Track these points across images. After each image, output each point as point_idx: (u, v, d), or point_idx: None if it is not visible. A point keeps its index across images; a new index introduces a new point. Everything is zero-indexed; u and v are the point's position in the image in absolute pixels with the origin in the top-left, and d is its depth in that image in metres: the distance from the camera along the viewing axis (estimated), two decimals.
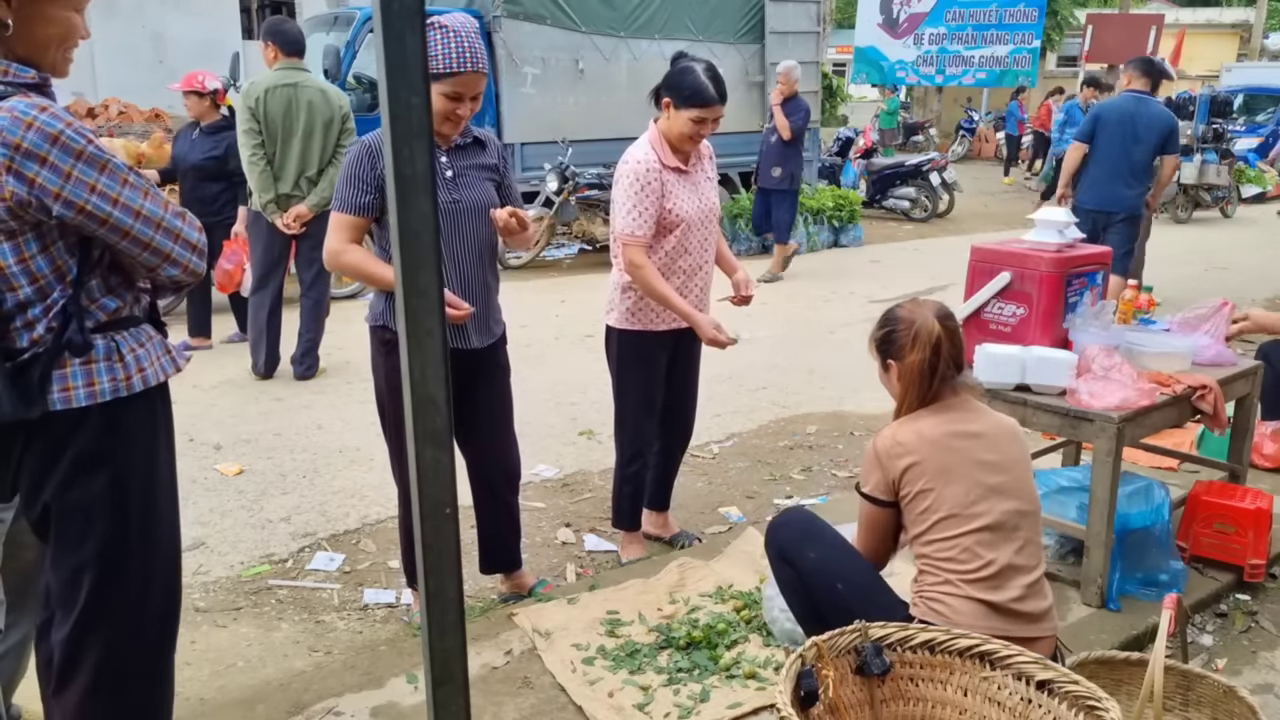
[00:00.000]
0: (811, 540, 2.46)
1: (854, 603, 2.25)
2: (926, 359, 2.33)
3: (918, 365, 2.33)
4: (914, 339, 2.34)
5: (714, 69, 3.18)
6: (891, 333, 2.39)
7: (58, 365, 1.75)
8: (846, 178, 13.60)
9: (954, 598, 2.23)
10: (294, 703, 2.57)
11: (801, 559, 2.43)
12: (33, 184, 1.65)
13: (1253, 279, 8.98)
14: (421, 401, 1.12)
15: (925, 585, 2.28)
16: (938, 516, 2.25)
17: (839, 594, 2.33)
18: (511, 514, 3.15)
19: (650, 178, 3.14)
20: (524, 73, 9.27)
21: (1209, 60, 25.98)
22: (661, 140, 3.20)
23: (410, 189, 1.06)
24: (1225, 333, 3.37)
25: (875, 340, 2.46)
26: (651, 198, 3.14)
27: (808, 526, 2.51)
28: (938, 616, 2.22)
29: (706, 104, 3.11)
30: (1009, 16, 16.47)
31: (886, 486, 2.32)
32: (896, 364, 2.38)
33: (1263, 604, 3.19)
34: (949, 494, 2.25)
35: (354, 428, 4.85)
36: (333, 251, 2.74)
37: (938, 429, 2.31)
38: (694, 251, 3.28)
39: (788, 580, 2.48)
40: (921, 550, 2.30)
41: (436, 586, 1.18)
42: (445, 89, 2.61)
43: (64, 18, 1.75)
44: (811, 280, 8.99)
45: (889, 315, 2.44)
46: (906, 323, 2.38)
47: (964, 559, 2.22)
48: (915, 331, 2.34)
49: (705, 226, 3.30)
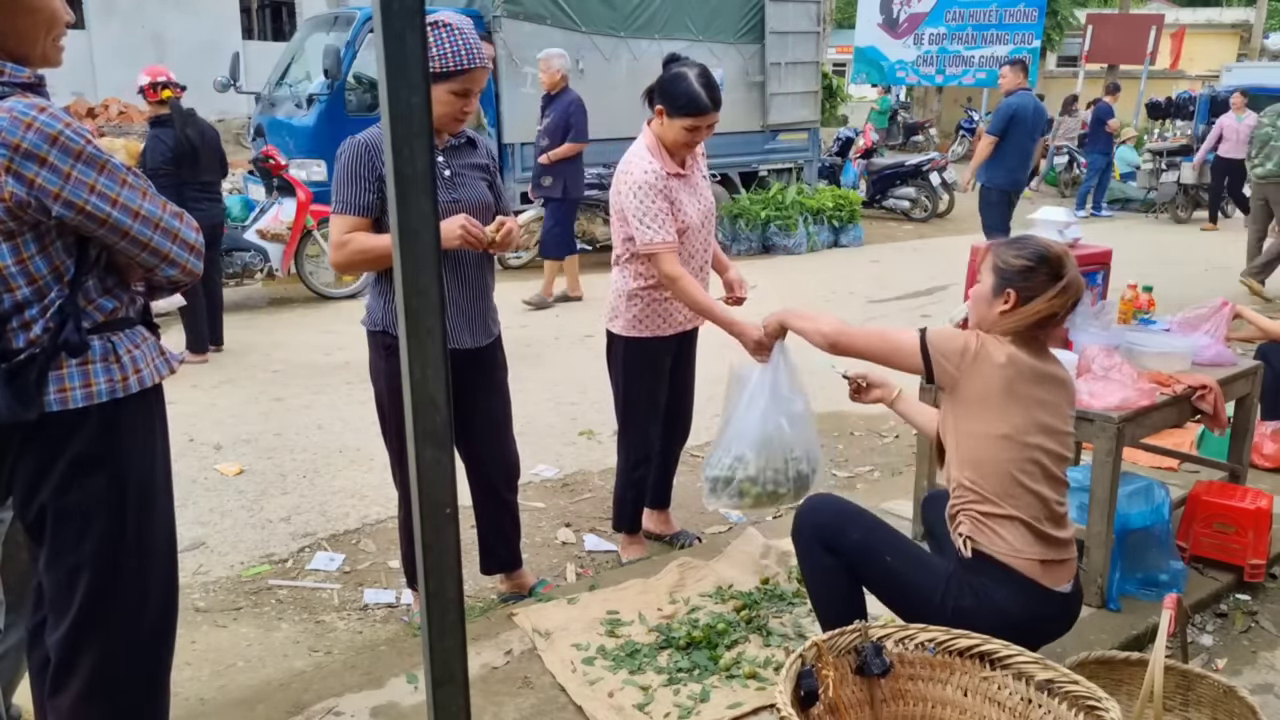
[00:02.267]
0: (850, 521, 2.39)
1: (905, 570, 2.28)
2: (1059, 313, 2.28)
3: (1045, 312, 2.25)
4: (1061, 290, 2.25)
5: (707, 74, 3.12)
6: (1034, 270, 2.27)
7: (54, 366, 1.75)
8: (846, 178, 13.61)
9: (1003, 521, 2.23)
10: (294, 703, 2.57)
11: (844, 541, 2.35)
12: (32, 184, 1.65)
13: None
14: (421, 401, 1.12)
15: (972, 508, 2.26)
16: (987, 431, 2.23)
17: (889, 566, 2.31)
18: (511, 514, 3.15)
19: (657, 185, 3.10)
20: (524, 73, 9.27)
21: (1209, 60, 25.97)
22: (659, 146, 3.16)
23: (410, 188, 1.06)
24: (1225, 334, 3.37)
25: (1009, 266, 2.30)
26: (664, 203, 3.11)
27: (840, 508, 2.45)
28: (991, 541, 2.23)
29: (700, 113, 3.06)
30: (1009, 16, 16.48)
31: (949, 366, 2.24)
32: (1019, 297, 2.26)
33: (1263, 604, 3.19)
34: (1008, 414, 2.22)
35: (354, 428, 4.85)
36: (334, 247, 2.69)
37: (1027, 360, 2.26)
38: (696, 255, 3.27)
39: (827, 568, 2.38)
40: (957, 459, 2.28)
41: (436, 586, 1.18)
42: (455, 86, 2.60)
43: (44, 4, 1.73)
44: (812, 280, 8.99)
45: (1038, 250, 2.30)
46: (1054, 266, 2.27)
47: (1005, 481, 2.23)
48: (1065, 284, 2.26)
49: (705, 229, 3.30)
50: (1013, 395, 2.23)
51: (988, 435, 2.23)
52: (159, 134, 5.88)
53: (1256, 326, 4.00)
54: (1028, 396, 2.24)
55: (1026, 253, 2.29)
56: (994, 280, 2.32)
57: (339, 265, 2.76)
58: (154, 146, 5.84)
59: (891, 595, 2.36)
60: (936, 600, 2.25)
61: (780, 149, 11.91)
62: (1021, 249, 2.31)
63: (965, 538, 2.26)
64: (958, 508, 2.30)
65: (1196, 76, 24.65)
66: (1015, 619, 2.21)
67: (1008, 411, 2.23)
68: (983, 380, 2.24)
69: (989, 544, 2.23)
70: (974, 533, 2.25)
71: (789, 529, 3.52)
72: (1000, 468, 2.23)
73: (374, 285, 2.84)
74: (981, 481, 2.24)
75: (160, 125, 5.92)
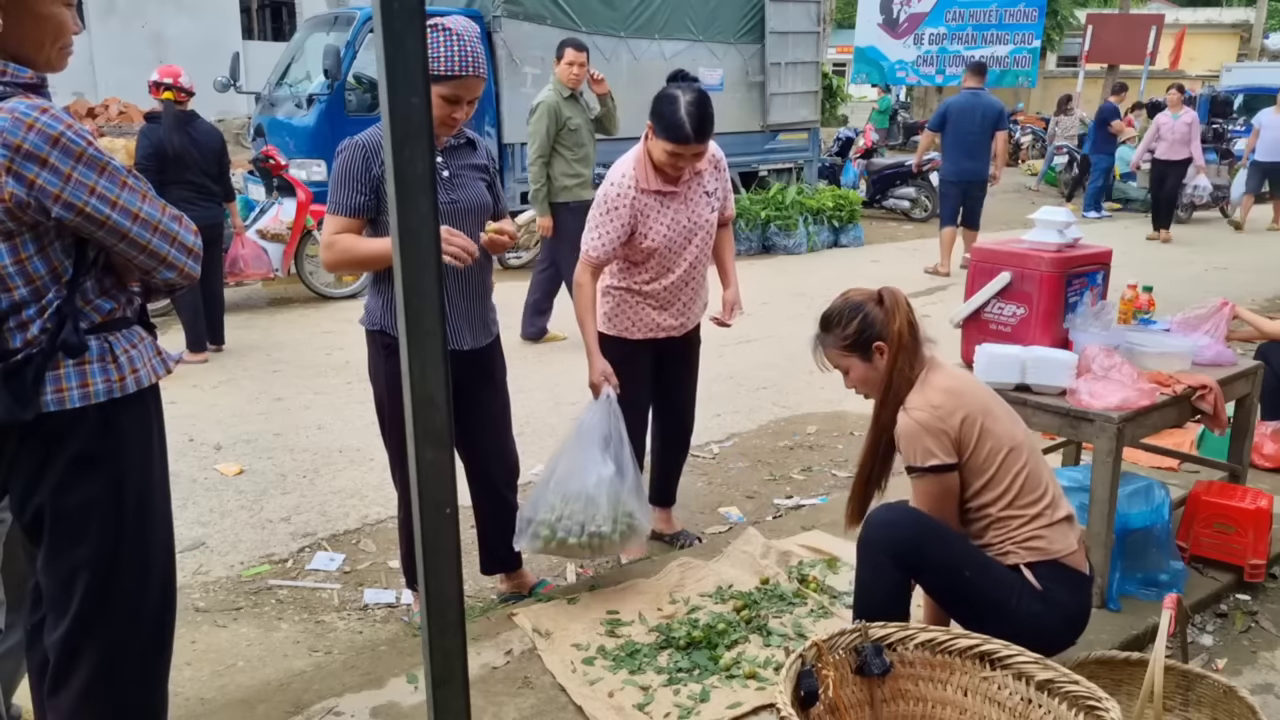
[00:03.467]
0: (930, 537, 2.30)
1: (983, 584, 2.28)
2: (909, 317, 2.37)
3: (906, 327, 2.35)
4: (891, 307, 2.36)
5: (701, 103, 3.00)
6: (864, 316, 2.37)
7: (51, 366, 1.74)
8: (846, 178, 13.60)
9: (1048, 528, 2.29)
10: (294, 703, 2.57)
11: (925, 560, 2.29)
12: (32, 185, 1.65)
13: (1253, 279, 8.97)
14: (421, 401, 1.12)
15: (1013, 531, 2.30)
16: (1003, 454, 2.28)
17: (968, 581, 2.28)
18: (511, 513, 3.14)
19: (620, 202, 3.08)
20: (524, 73, 9.27)
21: (1209, 60, 26.00)
22: (645, 160, 3.12)
23: (411, 189, 1.06)
24: (1225, 334, 3.37)
25: (847, 337, 2.39)
26: (617, 222, 3.10)
27: (920, 521, 2.33)
28: (1043, 554, 2.28)
29: (680, 141, 3.00)
30: (1009, 16, 16.48)
31: (951, 447, 2.29)
32: (885, 341, 2.36)
33: (1263, 604, 3.19)
34: (999, 429, 2.30)
35: (354, 428, 4.85)
36: (324, 246, 2.71)
37: (949, 380, 2.34)
38: (675, 271, 3.24)
39: (894, 582, 2.31)
40: (989, 498, 2.31)
41: (436, 586, 1.18)
42: (444, 91, 2.58)
43: (53, 13, 1.74)
44: (812, 280, 8.98)
45: (844, 309, 2.41)
46: (870, 299, 2.39)
47: (1032, 487, 2.29)
48: (888, 300, 2.37)
49: (686, 249, 3.23)
50: (988, 413, 2.32)
51: (1001, 458, 2.29)
52: (145, 130, 6.03)
53: (1256, 327, 4.00)
54: (989, 404, 2.35)
55: (845, 314, 2.41)
56: (856, 359, 2.41)
57: (327, 264, 2.77)
58: (139, 143, 6.00)
59: (969, 610, 2.32)
60: (1011, 607, 2.26)
61: (780, 149, 11.91)
62: (839, 319, 2.41)
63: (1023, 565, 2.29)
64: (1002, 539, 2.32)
65: (1196, 76, 24.66)
66: (1072, 612, 2.31)
67: (994, 429, 2.30)
68: (968, 428, 2.30)
69: (1045, 553, 2.29)
70: (1030, 555, 2.30)
71: (789, 529, 3.53)
72: (1020, 478, 2.29)
73: (373, 285, 2.84)
74: (1017, 499, 2.30)
75: (151, 123, 6.04)
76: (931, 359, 2.41)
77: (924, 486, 2.32)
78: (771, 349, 6.51)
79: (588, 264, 3.16)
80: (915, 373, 2.36)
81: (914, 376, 2.36)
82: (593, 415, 3.04)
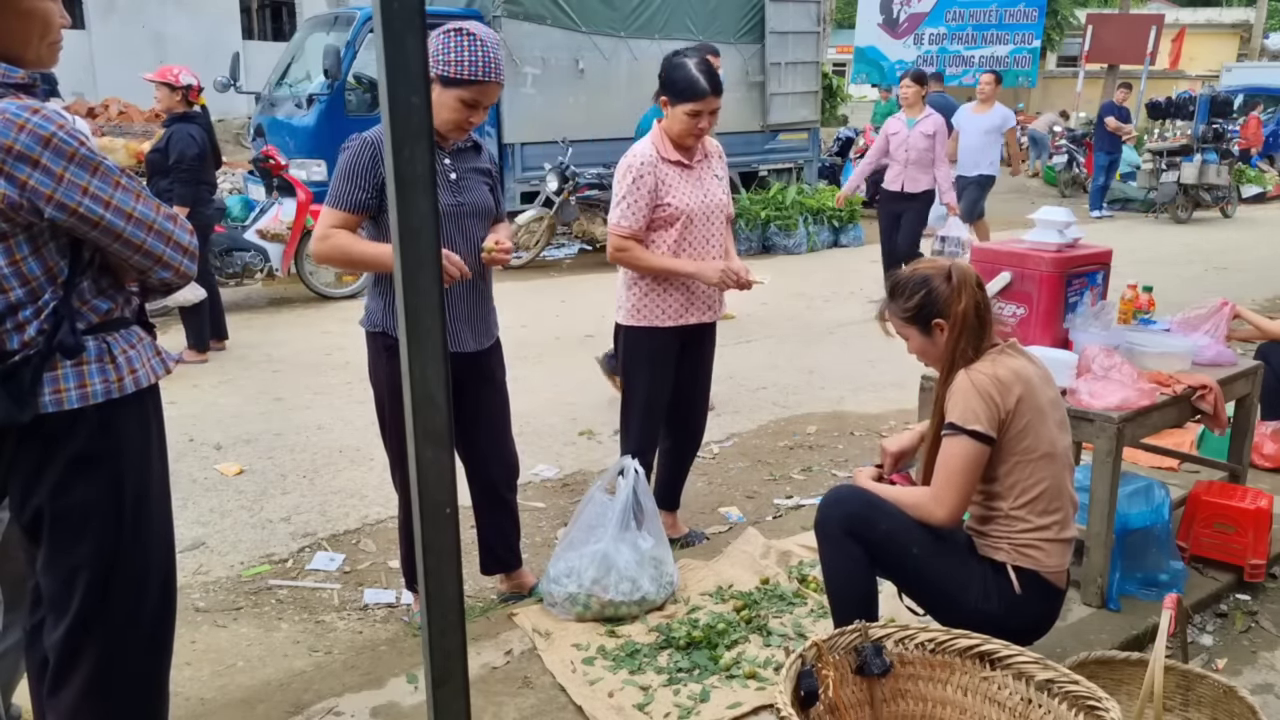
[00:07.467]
0: (877, 512, 2.34)
1: (931, 564, 2.29)
2: (977, 299, 2.28)
3: (972, 309, 2.27)
4: (959, 285, 2.27)
5: (706, 62, 3.19)
6: (929, 292, 2.30)
7: (49, 367, 1.74)
8: (846, 178, 13.59)
9: (1049, 543, 2.29)
10: (294, 703, 2.57)
11: (874, 531, 2.31)
12: (24, 186, 1.64)
13: (1253, 279, 8.97)
14: (421, 401, 1.12)
15: (1015, 532, 2.29)
16: (1037, 455, 2.25)
17: (915, 559, 2.30)
18: (511, 514, 3.15)
19: (644, 170, 3.16)
20: (524, 73, 9.28)
21: (1209, 60, 25.99)
22: (663, 136, 3.23)
23: (411, 189, 1.06)
24: (1225, 334, 3.37)
25: (908, 310, 2.33)
26: (643, 190, 3.16)
27: (868, 499, 2.38)
28: (1033, 564, 2.28)
29: (699, 96, 3.12)
30: (1009, 16, 16.49)
31: (995, 421, 2.24)
32: (945, 320, 2.29)
33: (1263, 604, 3.19)
34: (1044, 432, 2.27)
35: (354, 428, 4.84)
36: (316, 237, 2.70)
37: (1021, 366, 2.28)
38: (698, 246, 3.27)
39: (854, 558, 2.33)
40: (1006, 491, 2.29)
41: (436, 586, 1.18)
42: (465, 95, 2.60)
43: (37, 8, 1.72)
44: (812, 280, 8.99)
45: (913, 280, 2.33)
46: (939, 274, 2.30)
47: (1050, 498, 2.28)
48: (956, 278, 2.28)
49: (709, 222, 3.29)
50: (1040, 412, 2.27)
51: (1034, 458, 2.27)
52: (189, 131, 5.87)
53: (1256, 326, 4.00)
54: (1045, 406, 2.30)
55: (909, 288, 2.34)
56: (915, 330, 2.36)
57: (316, 256, 2.76)
58: (183, 143, 5.81)
59: (916, 586, 2.38)
60: (963, 598, 2.28)
61: (780, 149, 11.92)
62: (903, 290, 2.35)
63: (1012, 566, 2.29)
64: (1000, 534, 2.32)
65: (1196, 76, 24.65)
66: (1035, 620, 2.32)
67: (1040, 429, 2.27)
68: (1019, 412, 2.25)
69: (1035, 564, 2.29)
70: (1019, 560, 2.29)
71: (789, 529, 3.53)
72: (1044, 485, 2.28)
73: (373, 287, 2.84)
74: (1032, 505, 2.29)
75: (183, 123, 5.94)
76: (1012, 343, 2.35)
77: (955, 448, 2.25)
78: (771, 349, 6.51)
79: (617, 234, 3.19)
80: (980, 354, 2.29)
81: (978, 357, 2.29)
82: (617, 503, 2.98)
